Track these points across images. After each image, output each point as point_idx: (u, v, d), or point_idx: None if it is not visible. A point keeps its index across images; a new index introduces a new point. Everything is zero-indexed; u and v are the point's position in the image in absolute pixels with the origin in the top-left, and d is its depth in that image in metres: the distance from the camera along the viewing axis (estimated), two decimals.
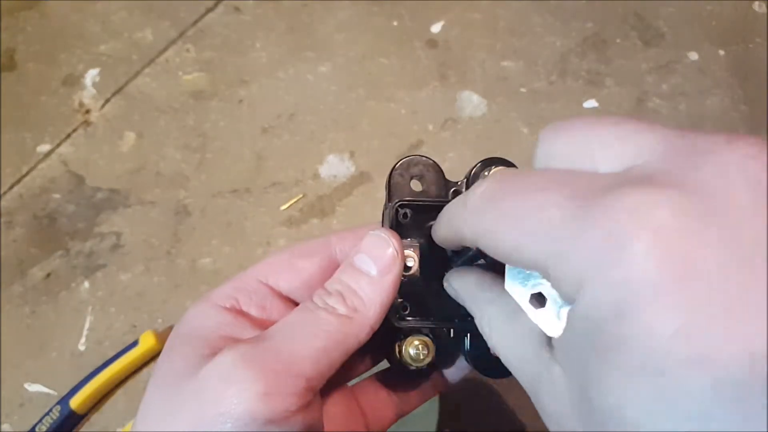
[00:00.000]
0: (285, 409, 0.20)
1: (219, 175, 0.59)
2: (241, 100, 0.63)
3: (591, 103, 0.63)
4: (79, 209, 0.58)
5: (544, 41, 0.67)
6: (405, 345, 0.26)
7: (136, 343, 0.49)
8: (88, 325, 0.52)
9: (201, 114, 0.63)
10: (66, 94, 0.64)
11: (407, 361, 0.26)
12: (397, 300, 0.25)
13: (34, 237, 0.56)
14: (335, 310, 0.22)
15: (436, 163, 0.28)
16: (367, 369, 0.29)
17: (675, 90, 0.64)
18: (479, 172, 0.26)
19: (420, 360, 0.26)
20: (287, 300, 0.26)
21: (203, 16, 0.68)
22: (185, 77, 0.65)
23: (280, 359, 0.20)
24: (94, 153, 0.61)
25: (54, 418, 0.47)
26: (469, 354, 0.27)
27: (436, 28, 0.68)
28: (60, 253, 0.56)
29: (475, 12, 0.69)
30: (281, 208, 0.58)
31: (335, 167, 0.60)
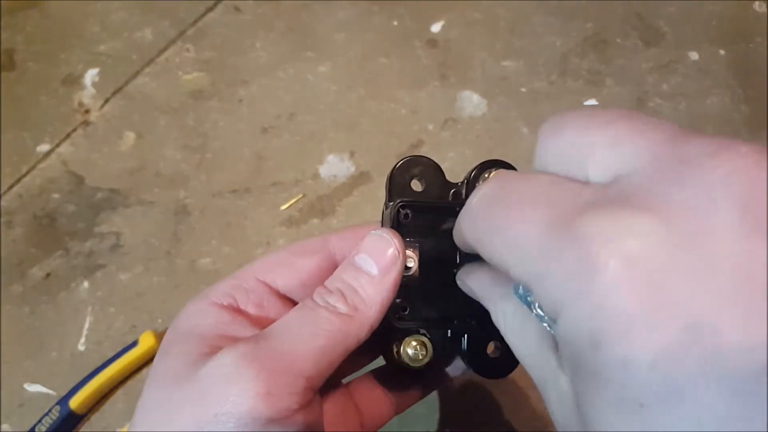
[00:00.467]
0: (286, 408, 0.20)
1: (219, 175, 0.59)
2: (241, 99, 0.63)
3: (591, 103, 0.63)
4: (79, 209, 0.58)
5: (544, 41, 0.67)
6: (404, 345, 0.26)
7: (135, 343, 0.49)
8: (87, 325, 0.52)
9: (201, 114, 0.63)
10: (65, 93, 0.64)
11: (405, 362, 0.26)
12: (397, 300, 0.25)
13: (33, 237, 0.56)
14: (336, 308, 0.22)
15: (436, 164, 0.28)
16: (363, 366, 0.29)
17: (675, 90, 0.64)
18: (478, 175, 0.27)
19: (418, 360, 0.26)
20: (285, 298, 0.25)
21: (203, 15, 0.68)
22: (185, 77, 0.65)
23: (281, 358, 0.20)
24: (93, 153, 0.60)
25: (53, 418, 0.47)
26: (467, 355, 0.27)
27: (436, 27, 0.68)
28: (59, 253, 0.55)
29: (476, 12, 0.69)
30: (281, 208, 0.57)
31: (335, 167, 0.59)
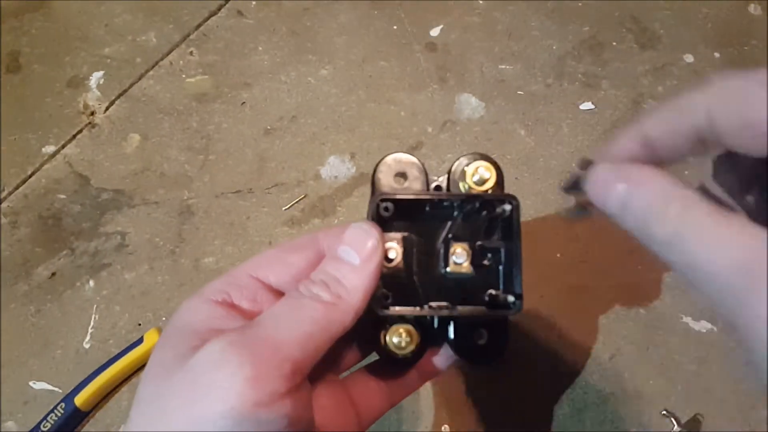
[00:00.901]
0: (273, 392, 0.20)
1: (222, 176, 0.60)
2: (244, 102, 0.64)
3: (587, 105, 0.64)
4: (84, 209, 0.58)
5: (541, 44, 0.68)
6: (389, 333, 0.27)
7: (140, 341, 0.50)
8: (92, 324, 0.53)
9: (204, 116, 0.63)
10: (71, 95, 0.65)
11: (391, 349, 0.27)
12: (380, 290, 0.26)
13: (39, 237, 0.57)
14: (320, 297, 0.23)
15: (418, 161, 0.29)
16: (358, 361, 0.30)
17: (671, 92, 0.65)
18: (464, 164, 0.28)
19: (403, 348, 0.27)
20: (277, 293, 0.26)
21: (206, 19, 0.69)
22: (189, 80, 0.66)
23: (267, 344, 0.21)
24: (98, 154, 0.61)
25: (58, 415, 0.47)
26: (453, 342, 0.28)
27: (435, 31, 0.69)
28: (65, 253, 0.56)
29: (474, 16, 0.70)
30: (283, 208, 0.58)
31: (336, 168, 0.60)
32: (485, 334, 0.28)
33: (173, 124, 0.63)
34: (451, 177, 0.28)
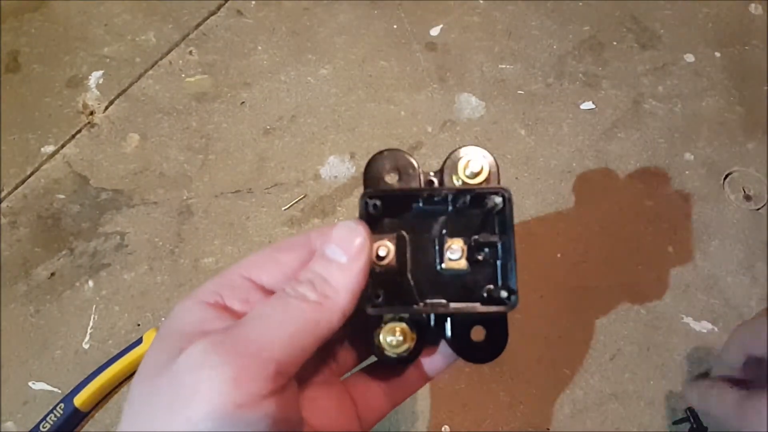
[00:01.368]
0: (255, 394, 0.20)
1: (221, 176, 0.60)
2: (243, 102, 0.64)
3: (587, 105, 0.64)
4: (84, 209, 0.58)
5: (541, 44, 0.68)
6: (382, 332, 0.26)
7: (140, 341, 0.50)
8: (92, 324, 0.53)
9: (204, 116, 0.63)
10: (70, 95, 0.65)
11: (385, 349, 0.26)
12: (370, 288, 0.25)
13: (38, 237, 0.57)
14: (306, 297, 0.23)
15: (410, 156, 0.28)
16: (359, 362, 0.30)
17: (671, 92, 0.65)
18: (457, 157, 0.27)
19: (397, 347, 0.26)
20: (270, 293, 0.26)
21: (206, 19, 0.69)
22: (188, 79, 0.66)
23: (249, 345, 0.21)
24: (98, 154, 0.61)
25: (58, 415, 0.47)
26: (451, 340, 0.27)
27: (435, 31, 0.69)
28: (64, 253, 0.56)
29: (474, 15, 0.70)
30: (283, 208, 0.58)
31: (336, 168, 0.60)
32: (483, 331, 0.27)
33: (173, 123, 0.63)
34: (445, 171, 0.27)
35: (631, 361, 0.51)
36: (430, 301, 0.26)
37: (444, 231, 0.27)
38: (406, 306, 0.26)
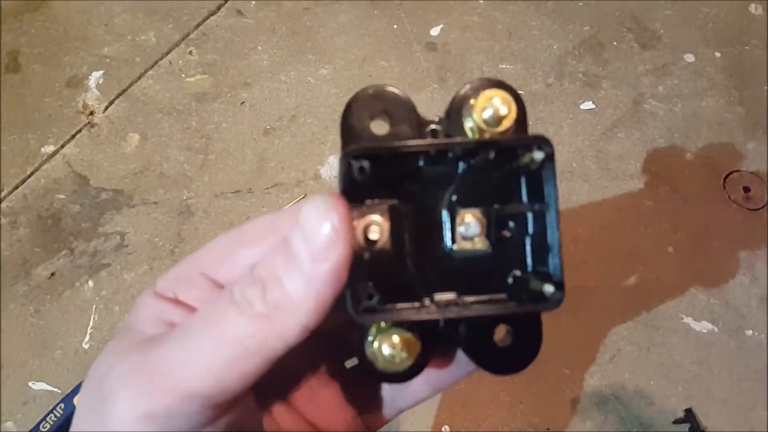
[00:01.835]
0: (179, 428, 0.16)
1: (221, 176, 0.60)
2: (244, 102, 0.64)
3: (587, 105, 0.64)
4: (84, 209, 0.58)
5: (541, 44, 0.68)
6: (376, 342, 0.19)
7: None
8: (92, 324, 0.53)
9: (204, 116, 0.63)
10: (70, 95, 0.65)
11: (380, 365, 0.19)
12: (357, 284, 0.18)
13: (38, 237, 0.57)
14: (251, 305, 0.17)
15: (404, 95, 0.19)
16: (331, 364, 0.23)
17: (671, 92, 0.65)
18: (469, 96, 0.19)
19: (396, 363, 0.19)
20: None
21: (206, 19, 0.69)
22: (188, 80, 0.66)
23: (170, 374, 0.17)
24: (98, 154, 0.61)
25: (58, 416, 0.47)
26: (467, 345, 0.20)
27: (435, 31, 0.69)
28: (64, 253, 0.56)
29: (474, 15, 0.70)
30: (283, 208, 0.58)
31: (336, 168, 0.60)
32: (509, 333, 0.20)
33: (173, 123, 0.63)
34: (453, 115, 0.19)
35: (631, 361, 0.51)
36: (443, 298, 0.19)
37: (454, 199, 0.20)
38: (408, 310, 0.19)
